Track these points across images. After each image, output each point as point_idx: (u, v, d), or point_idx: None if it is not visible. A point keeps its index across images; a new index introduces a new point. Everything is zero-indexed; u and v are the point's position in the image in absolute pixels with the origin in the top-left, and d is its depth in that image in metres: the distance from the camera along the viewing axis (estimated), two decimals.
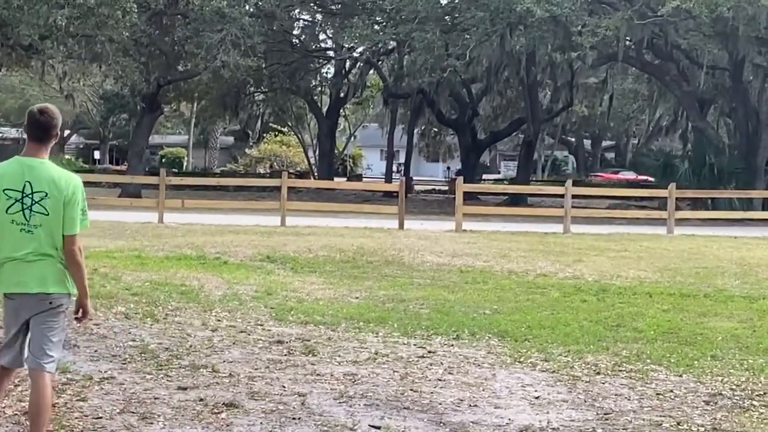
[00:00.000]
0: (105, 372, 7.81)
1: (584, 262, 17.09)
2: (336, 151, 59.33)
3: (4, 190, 5.39)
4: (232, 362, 8.33)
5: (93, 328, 9.60)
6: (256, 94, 53.95)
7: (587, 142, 75.68)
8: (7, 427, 6.28)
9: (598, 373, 8.35)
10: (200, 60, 36.52)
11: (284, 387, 7.53)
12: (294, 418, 6.70)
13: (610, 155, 79.24)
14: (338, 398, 7.27)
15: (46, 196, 5.38)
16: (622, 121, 62.60)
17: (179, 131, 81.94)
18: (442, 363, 8.61)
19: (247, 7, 37.97)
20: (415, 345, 9.40)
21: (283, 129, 65.95)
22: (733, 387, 7.97)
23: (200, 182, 41.16)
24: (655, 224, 27.63)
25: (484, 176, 68.09)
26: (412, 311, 11.39)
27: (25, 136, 5.71)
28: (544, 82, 45.96)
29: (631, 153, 70.95)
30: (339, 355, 8.78)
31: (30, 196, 5.38)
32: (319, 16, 47.69)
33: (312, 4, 44.79)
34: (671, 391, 7.80)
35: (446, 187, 53.43)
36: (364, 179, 64.36)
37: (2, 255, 5.47)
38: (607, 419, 6.95)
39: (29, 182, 5.38)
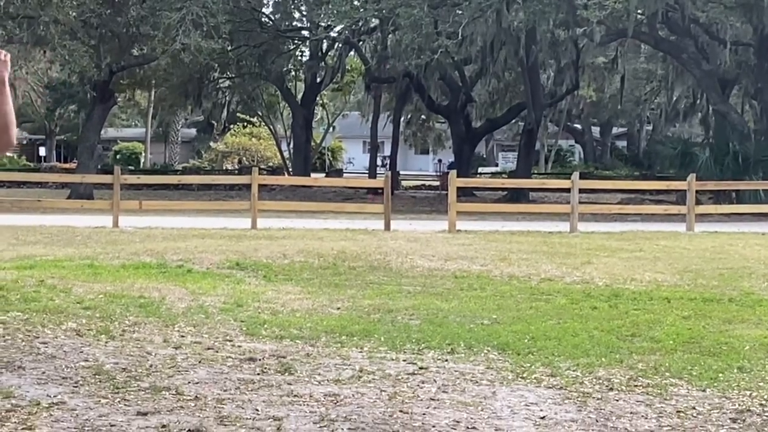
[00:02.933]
0: (54, 396, 7.78)
1: (594, 264, 17.12)
2: (313, 144, 59.38)
3: None
4: (198, 383, 8.31)
5: (40, 347, 9.57)
6: (221, 81, 53.92)
7: (596, 130, 75.84)
8: None
9: (611, 389, 8.36)
10: (157, 43, 36.43)
11: (257, 410, 7.51)
12: None
13: (622, 143, 79.49)
14: (318, 422, 7.25)
15: None
16: (634, 105, 62.75)
17: (135, 123, 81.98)
18: (435, 380, 8.61)
19: None
20: (404, 361, 9.39)
21: (252, 119, 65.99)
22: (763, 402, 7.98)
23: (160, 181, 41.18)
24: (673, 220, 27.70)
25: (480, 169, 68.30)
26: (401, 323, 11.39)
27: None
28: (546, 63, 46.03)
29: (645, 141, 71.14)
30: (319, 374, 8.77)
31: None
32: None
33: None
34: (693, 407, 7.81)
35: (437, 182, 53.50)
36: (344, 175, 64.47)
37: None
38: None
39: None
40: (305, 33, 49.79)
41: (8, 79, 4.70)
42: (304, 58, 53.48)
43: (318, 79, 51.96)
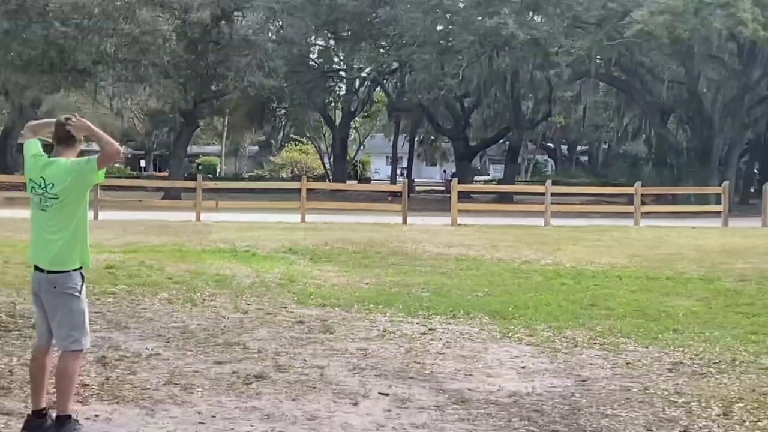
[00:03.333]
0: (152, 349, 7.82)
1: (563, 250, 17.06)
2: (348, 158, 59.25)
3: (29, 180, 5.51)
4: (260, 340, 8.34)
5: (141, 312, 9.62)
6: (278, 110, 53.86)
7: (564, 148, 75.55)
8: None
9: (576, 346, 8.34)
10: (230, 81, 36.55)
11: (305, 361, 7.53)
12: (314, 387, 6.71)
13: (584, 158, 79.06)
14: (352, 370, 7.27)
15: (52, 186, 5.39)
16: (594, 128, 62.30)
17: (213, 142, 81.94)
18: (441, 339, 8.61)
19: (270, 35, 38.05)
20: (417, 323, 9.40)
21: (302, 139, 65.90)
22: (693, 356, 7.96)
23: (232, 186, 41.09)
24: (624, 217, 27.55)
25: (476, 178, 67.98)
26: (415, 294, 11.39)
27: (90, 146, 5.89)
28: (526, 96, 45.90)
29: (602, 156, 70.75)
30: (352, 333, 8.78)
31: (44, 187, 5.42)
32: (332, 42, 47.63)
33: (326, 32, 44.73)
34: (639, 360, 7.79)
35: (443, 188, 53.36)
36: (372, 182, 64.36)
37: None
38: (584, 385, 6.95)
39: (43, 177, 5.44)
40: (342, 73, 49.73)
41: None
42: (342, 93, 53.43)
43: (352, 109, 51.80)
